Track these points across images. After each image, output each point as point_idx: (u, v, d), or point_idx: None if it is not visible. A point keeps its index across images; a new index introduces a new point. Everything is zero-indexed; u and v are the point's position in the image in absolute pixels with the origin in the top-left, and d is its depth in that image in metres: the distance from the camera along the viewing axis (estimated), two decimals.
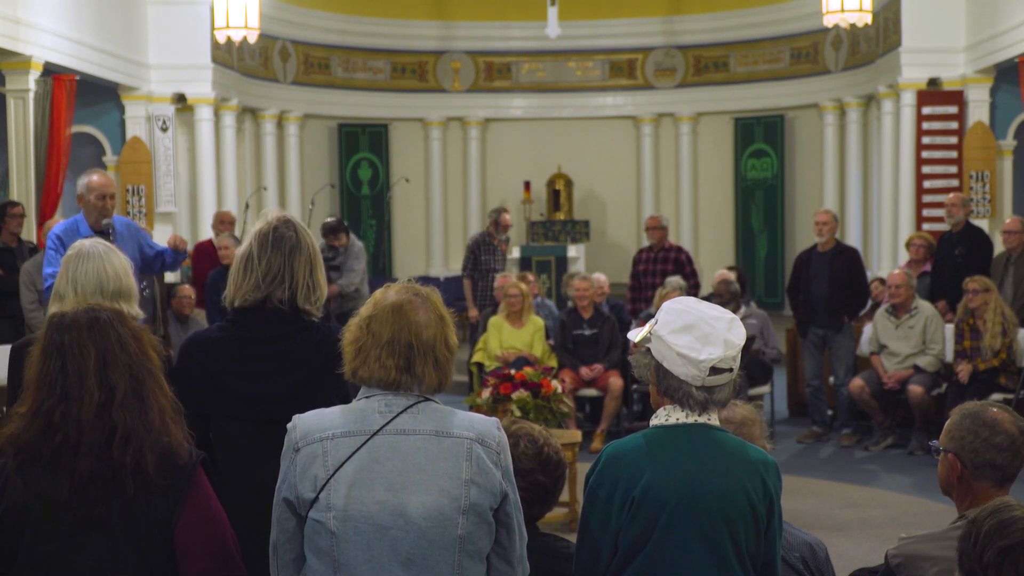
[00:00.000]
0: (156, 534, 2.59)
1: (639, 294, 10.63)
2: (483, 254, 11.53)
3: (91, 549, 2.56)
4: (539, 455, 3.23)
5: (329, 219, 11.02)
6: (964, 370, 8.66)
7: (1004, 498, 2.58)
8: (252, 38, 13.09)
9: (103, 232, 5.94)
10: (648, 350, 2.82)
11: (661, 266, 10.49)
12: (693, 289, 10.21)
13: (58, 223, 6.38)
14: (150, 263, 6.40)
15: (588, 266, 13.93)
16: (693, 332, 2.75)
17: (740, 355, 2.79)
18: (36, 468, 2.56)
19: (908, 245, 10.70)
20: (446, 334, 2.71)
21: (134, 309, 3.66)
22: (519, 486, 2.79)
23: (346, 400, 2.75)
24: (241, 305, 3.33)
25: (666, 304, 2.86)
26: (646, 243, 10.95)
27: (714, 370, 2.74)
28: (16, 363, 3.65)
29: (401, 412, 2.65)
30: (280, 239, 3.35)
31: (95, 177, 6.18)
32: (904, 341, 9.15)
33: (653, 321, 2.84)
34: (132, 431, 2.57)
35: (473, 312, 11.38)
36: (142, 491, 2.57)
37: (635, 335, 2.89)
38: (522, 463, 3.10)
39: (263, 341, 3.31)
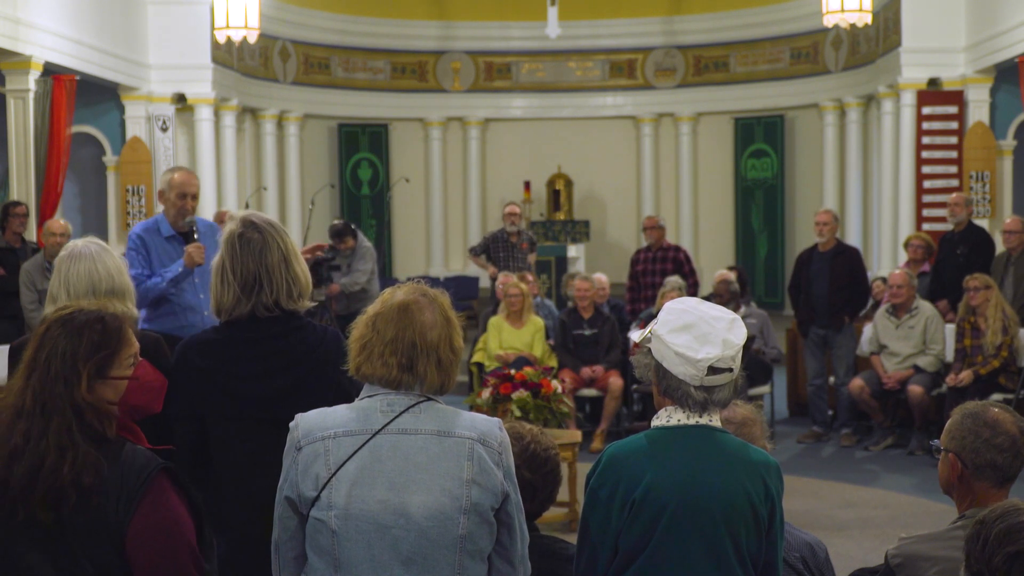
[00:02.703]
0: (105, 541, 2.57)
1: (638, 294, 10.64)
2: (500, 251, 11.52)
3: (37, 560, 2.56)
4: (524, 452, 3.22)
5: (336, 222, 10.99)
6: (962, 377, 8.63)
7: (1013, 500, 2.57)
8: (252, 38, 13.08)
9: (186, 232, 5.70)
10: (649, 350, 2.83)
11: (660, 265, 10.50)
12: (692, 288, 10.22)
13: (139, 222, 6.05)
14: None
15: (588, 266, 13.93)
16: (692, 331, 2.75)
17: (740, 355, 2.78)
18: None
19: (906, 245, 10.70)
20: (451, 336, 2.71)
21: (128, 307, 3.64)
22: None
23: (348, 400, 2.76)
24: (228, 320, 3.33)
25: (668, 304, 2.86)
26: (645, 243, 10.96)
27: (712, 370, 2.73)
28: (15, 363, 3.65)
29: (403, 411, 2.65)
30: (247, 243, 3.32)
31: (176, 175, 5.78)
32: (904, 341, 9.15)
33: (654, 321, 2.84)
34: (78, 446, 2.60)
35: (492, 269, 11.43)
36: (92, 496, 2.56)
37: (636, 335, 2.89)
38: None
39: (258, 341, 3.31)
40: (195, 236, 5.70)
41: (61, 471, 2.55)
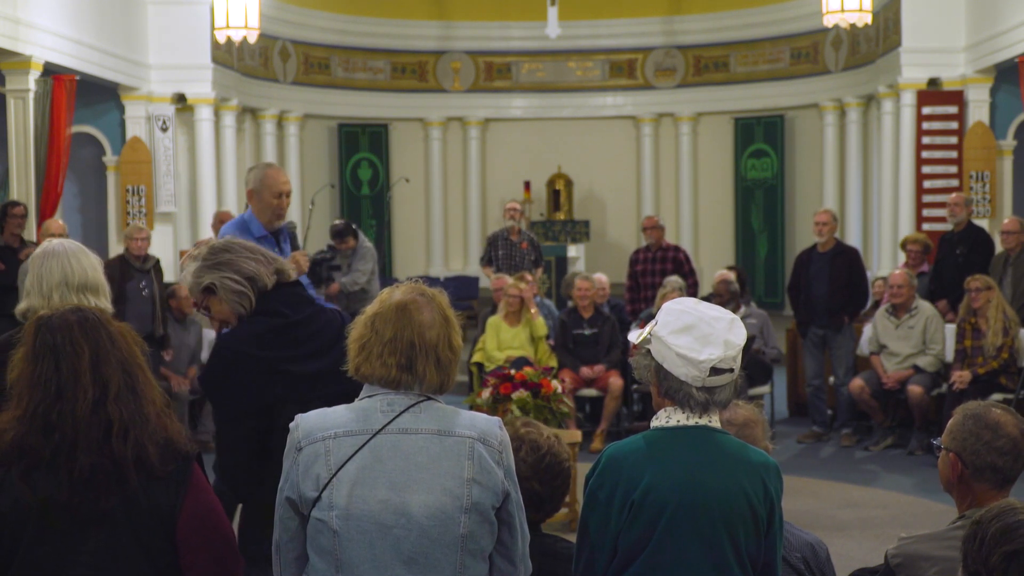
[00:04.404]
0: (158, 527, 2.60)
1: (637, 294, 10.63)
2: (500, 248, 11.51)
3: (92, 546, 2.56)
4: (538, 464, 3.21)
5: (337, 222, 10.97)
6: (962, 377, 8.63)
7: (1009, 500, 2.56)
8: (252, 38, 13.08)
9: (276, 233, 5.35)
10: (648, 351, 2.82)
11: (660, 265, 10.50)
12: (692, 288, 10.22)
13: (226, 224, 5.61)
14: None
15: (588, 266, 13.93)
16: (693, 333, 2.74)
17: (741, 355, 2.78)
18: (38, 471, 2.56)
19: (904, 246, 10.70)
20: (450, 335, 2.71)
21: (103, 302, 3.68)
22: None
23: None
24: (254, 311, 3.51)
25: (666, 305, 2.85)
26: (644, 243, 10.96)
27: (714, 371, 2.73)
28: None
29: (403, 411, 2.65)
30: (231, 249, 3.58)
31: (268, 173, 5.35)
32: (904, 341, 9.15)
33: (653, 322, 2.84)
34: (129, 423, 2.58)
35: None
36: (146, 482, 2.58)
37: (635, 336, 2.88)
38: (519, 469, 3.08)
39: (297, 324, 3.52)
40: (282, 242, 5.46)
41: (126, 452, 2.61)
